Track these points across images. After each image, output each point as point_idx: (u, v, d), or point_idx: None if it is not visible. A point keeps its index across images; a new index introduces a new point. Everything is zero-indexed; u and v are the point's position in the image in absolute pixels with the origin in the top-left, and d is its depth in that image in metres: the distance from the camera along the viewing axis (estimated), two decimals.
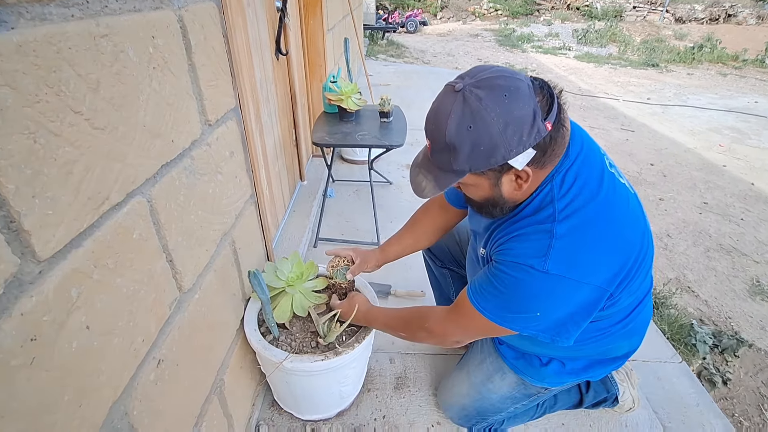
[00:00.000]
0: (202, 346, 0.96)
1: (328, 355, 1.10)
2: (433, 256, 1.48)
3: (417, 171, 0.90)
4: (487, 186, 0.85)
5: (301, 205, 2.38)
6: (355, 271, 1.27)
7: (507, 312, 0.86)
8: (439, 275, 1.51)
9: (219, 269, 1.03)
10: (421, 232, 1.33)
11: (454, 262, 1.44)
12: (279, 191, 2.05)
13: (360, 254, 1.30)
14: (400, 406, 1.42)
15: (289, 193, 2.31)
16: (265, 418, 1.36)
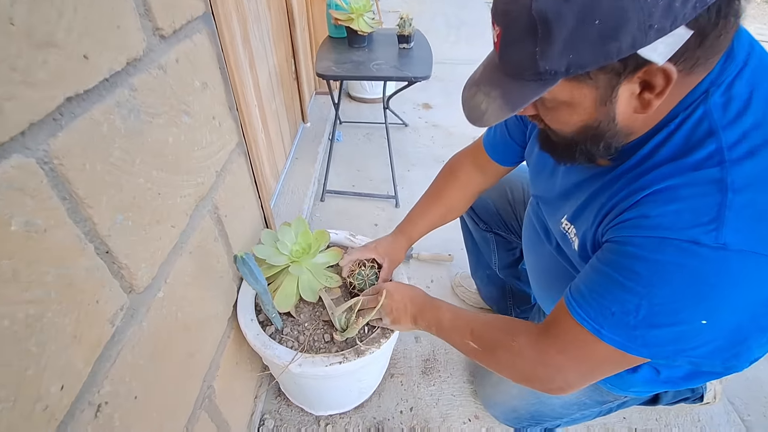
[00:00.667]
0: (176, 358, 0.70)
1: (348, 356, 0.85)
2: (474, 215, 1.18)
3: (474, 89, 0.57)
4: (591, 103, 0.51)
5: (304, 150, 2.05)
6: (387, 276, 0.99)
7: (647, 327, 0.53)
8: (480, 239, 1.22)
9: (195, 249, 0.74)
10: (450, 203, 1.02)
11: (503, 225, 1.14)
12: (278, 135, 1.71)
13: (384, 251, 1.00)
14: (430, 395, 1.20)
15: (290, 137, 1.97)
16: (271, 410, 1.15)
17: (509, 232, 1.14)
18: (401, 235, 1.03)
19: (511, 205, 1.10)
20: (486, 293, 1.37)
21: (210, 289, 0.82)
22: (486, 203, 1.13)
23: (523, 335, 0.67)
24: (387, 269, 0.99)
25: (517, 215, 1.10)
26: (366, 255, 0.99)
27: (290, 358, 0.84)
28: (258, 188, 1.09)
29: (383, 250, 1.00)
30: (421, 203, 1.04)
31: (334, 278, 1.00)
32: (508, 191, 1.10)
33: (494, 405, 1.07)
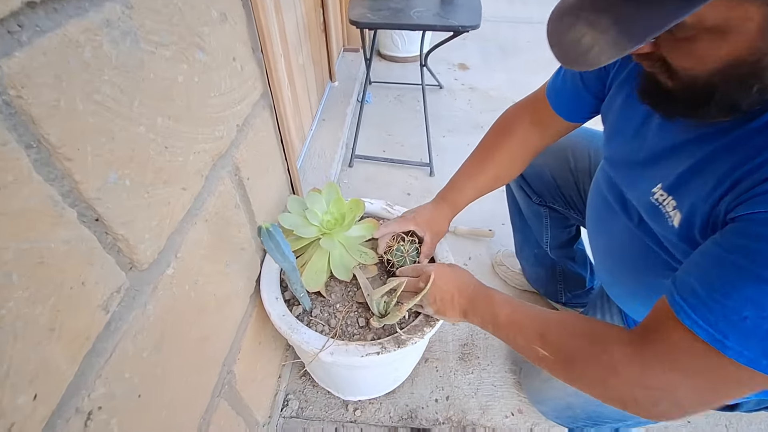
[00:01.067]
0: (189, 344, 0.59)
1: (387, 346, 0.73)
2: (526, 186, 1.02)
3: (571, 19, 0.41)
4: (755, 28, 0.37)
5: (331, 111, 1.90)
6: (429, 252, 0.86)
7: None
8: (531, 214, 1.07)
9: (212, 217, 0.63)
10: (502, 165, 0.86)
11: (560, 198, 0.98)
12: (304, 92, 1.56)
13: (424, 222, 0.86)
14: (468, 384, 1.09)
15: (317, 97, 1.82)
16: (296, 390, 1.07)
17: (567, 206, 0.98)
18: (444, 203, 0.88)
19: (572, 174, 0.94)
20: (532, 274, 1.23)
21: (230, 264, 0.70)
22: (541, 172, 0.96)
23: (616, 345, 0.53)
24: (429, 243, 0.85)
25: (579, 186, 0.93)
26: (404, 227, 0.85)
27: (320, 344, 0.73)
28: (284, 149, 0.96)
29: (423, 220, 0.86)
30: (468, 166, 0.88)
31: (370, 254, 0.88)
32: (570, 157, 0.93)
33: (544, 400, 0.95)
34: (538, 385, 0.96)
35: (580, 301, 1.18)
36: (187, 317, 0.58)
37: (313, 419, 1.02)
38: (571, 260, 1.12)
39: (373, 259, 0.87)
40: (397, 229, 0.85)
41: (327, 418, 1.02)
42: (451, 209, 0.88)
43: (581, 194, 0.93)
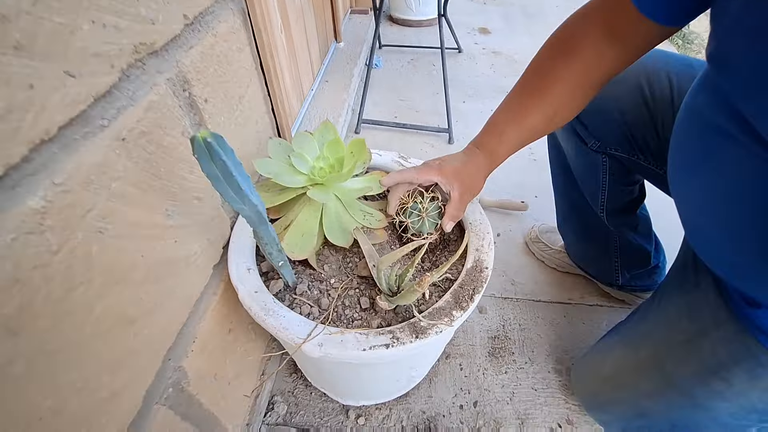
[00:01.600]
0: (93, 328, 0.38)
1: (400, 336, 0.51)
2: (580, 126, 0.77)
3: None
4: None
5: (336, 74, 1.67)
6: (456, 213, 0.63)
7: None
8: (584, 167, 0.82)
9: (136, 138, 0.41)
10: (562, 99, 0.60)
11: (628, 141, 0.73)
12: (303, 43, 1.34)
13: (452, 173, 0.63)
14: (501, 386, 0.86)
15: (320, 56, 1.60)
16: (284, 390, 0.86)
17: (637, 151, 0.73)
18: (479, 151, 0.65)
19: (648, 108, 0.68)
20: (579, 251, 1.00)
21: (174, 215, 0.49)
22: (603, 106, 0.71)
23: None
24: (457, 201, 0.63)
25: (657, 123, 0.68)
26: (424, 177, 0.63)
27: (305, 332, 0.51)
28: (268, 83, 0.74)
29: (451, 171, 0.63)
30: (512, 102, 0.64)
31: (376, 216, 0.66)
32: (644, 85, 0.68)
33: (605, 407, 0.72)
34: (597, 387, 0.73)
35: (642, 283, 0.94)
36: (85, 284, 0.36)
37: (304, 427, 0.80)
38: (632, 230, 0.88)
39: (380, 222, 0.65)
40: (414, 179, 0.63)
41: (322, 426, 0.81)
42: (488, 160, 0.65)
43: (658, 132, 0.69)
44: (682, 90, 0.65)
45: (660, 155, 0.70)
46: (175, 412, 0.52)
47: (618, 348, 0.69)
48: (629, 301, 0.99)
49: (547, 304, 1.00)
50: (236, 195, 0.38)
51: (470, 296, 0.56)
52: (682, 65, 0.68)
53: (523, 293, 1.02)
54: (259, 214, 0.42)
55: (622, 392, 0.67)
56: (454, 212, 0.63)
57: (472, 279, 0.58)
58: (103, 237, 0.38)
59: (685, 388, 0.58)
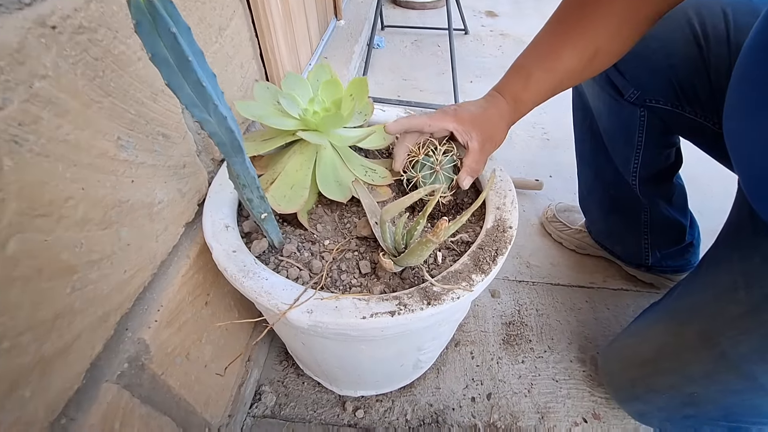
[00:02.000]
0: (7, 276, 0.28)
1: (408, 302, 0.42)
2: (616, 74, 0.65)
3: None
4: None
5: (336, 50, 1.58)
6: (475, 165, 0.53)
7: None
8: (617, 125, 0.71)
9: (71, 31, 0.32)
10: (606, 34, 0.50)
11: (674, 89, 0.62)
12: (300, 12, 1.25)
13: (470, 120, 0.53)
14: (517, 377, 0.77)
15: (318, 30, 1.51)
16: (273, 379, 0.76)
17: (683, 102, 0.61)
18: (503, 96, 0.55)
19: (699, 48, 0.57)
20: (604, 228, 0.90)
21: (128, 147, 0.39)
22: (644, 47, 0.58)
23: None
24: (476, 152, 0.53)
25: (709, 67, 0.58)
26: (438, 125, 0.53)
27: (291, 298, 0.42)
28: (255, 19, 0.65)
29: (469, 118, 0.53)
30: (545, 39, 0.54)
31: (380, 171, 0.56)
32: (695, 21, 0.58)
33: (645, 396, 0.62)
34: (633, 374, 0.63)
35: (674, 263, 0.85)
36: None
37: (295, 420, 0.71)
38: (666, 201, 0.78)
39: (384, 179, 0.55)
40: (425, 127, 0.53)
41: (315, 419, 0.71)
42: (512, 107, 0.55)
43: (710, 78, 0.58)
44: (740, 26, 0.55)
45: (711, 106, 0.60)
46: (132, 394, 0.42)
47: (659, 327, 0.59)
48: (658, 284, 0.89)
49: (567, 288, 0.91)
50: (196, 94, 0.28)
51: (492, 258, 0.46)
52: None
53: (540, 276, 0.93)
54: (231, 132, 0.33)
55: (666, 378, 0.58)
56: (473, 165, 0.53)
57: (493, 239, 0.49)
58: (20, 149, 0.29)
59: (744, 369, 0.49)
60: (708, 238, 0.89)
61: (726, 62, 0.56)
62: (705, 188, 1.13)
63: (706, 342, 0.51)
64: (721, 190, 1.13)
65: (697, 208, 0.84)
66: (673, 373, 0.56)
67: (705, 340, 0.51)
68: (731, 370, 0.50)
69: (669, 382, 0.57)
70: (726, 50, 0.56)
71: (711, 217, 1.05)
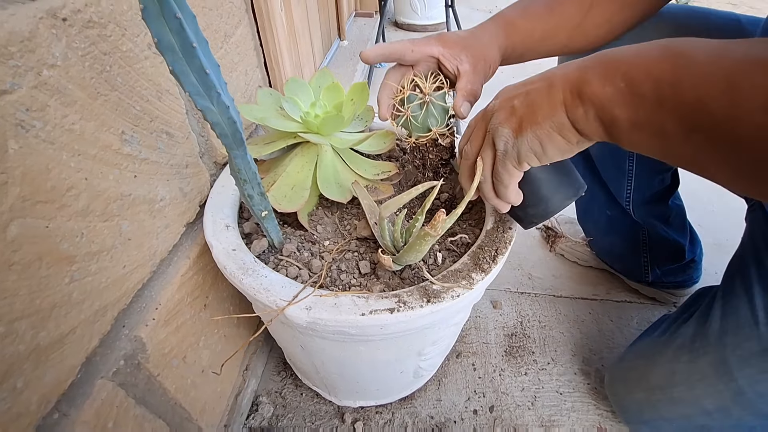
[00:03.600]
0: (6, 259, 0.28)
1: (407, 299, 0.41)
2: None
3: None
4: None
5: (339, 68, 1.62)
6: (470, 87, 0.48)
7: None
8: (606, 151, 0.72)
9: (81, 24, 0.33)
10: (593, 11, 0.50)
11: None
12: (304, 25, 1.28)
13: (457, 44, 0.48)
14: (521, 389, 0.75)
15: (322, 48, 1.55)
16: (270, 390, 0.74)
17: None
18: (493, 23, 0.51)
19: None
20: (604, 245, 0.90)
21: (132, 142, 0.40)
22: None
23: None
24: (469, 74, 0.47)
25: None
26: (421, 51, 0.47)
27: (290, 295, 0.41)
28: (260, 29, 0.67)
29: (456, 40, 0.48)
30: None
31: (382, 167, 0.57)
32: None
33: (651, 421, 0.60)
34: (642, 398, 0.60)
35: (675, 279, 0.84)
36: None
37: None
38: (663, 222, 0.78)
39: (388, 171, 0.56)
40: (407, 54, 0.47)
41: (313, 431, 0.69)
42: (504, 30, 0.50)
43: None
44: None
45: None
46: (127, 393, 0.42)
47: (668, 352, 0.56)
48: (661, 298, 0.88)
49: (569, 299, 0.90)
50: (199, 81, 0.29)
51: (493, 257, 0.46)
52: (725, 21, 0.59)
53: (542, 288, 0.92)
54: (233, 123, 0.33)
55: (678, 407, 0.55)
56: (468, 86, 0.47)
57: (493, 240, 0.48)
58: (26, 134, 0.29)
59: (761, 408, 0.47)
60: (710, 250, 0.88)
61: None
62: (705, 202, 1.13)
63: (722, 376, 0.49)
64: (720, 205, 1.13)
65: (697, 221, 0.84)
66: (685, 404, 0.54)
67: (721, 374, 0.49)
68: (748, 409, 0.48)
69: (681, 412, 0.55)
70: None
71: (712, 231, 1.05)
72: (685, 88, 0.26)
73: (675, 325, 0.58)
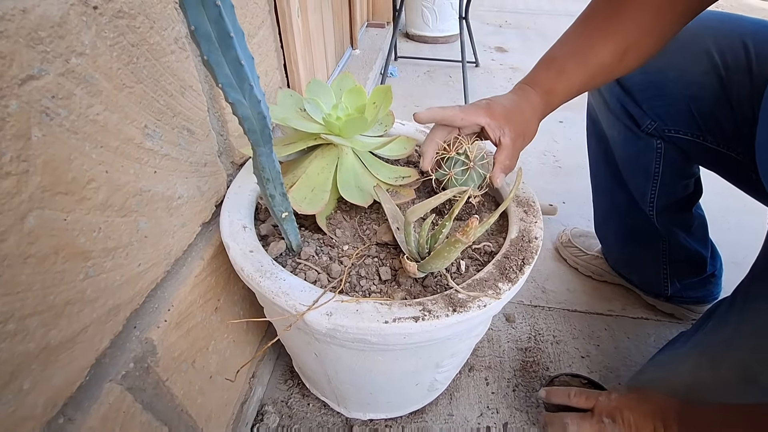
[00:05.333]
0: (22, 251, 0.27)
1: (432, 308, 0.40)
2: (632, 104, 0.65)
3: None
4: None
5: None
6: (507, 162, 0.52)
7: None
8: (633, 155, 0.71)
9: (114, 15, 0.32)
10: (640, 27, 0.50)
11: (694, 119, 0.62)
12: (319, 34, 1.28)
13: (502, 116, 0.51)
14: (534, 405, 0.72)
15: (335, 55, 1.55)
16: (276, 399, 0.72)
17: (704, 132, 0.61)
18: (534, 89, 0.54)
19: (719, 78, 0.58)
20: (621, 256, 0.88)
21: (154, 137, 0.39)
22: (662, 78, 0.61)
23: None
24: (509, 148, 0.51)
25: (731, 97, 0.58)
26: (471, 119, 0.51)
27: (310, 299, 0.40)
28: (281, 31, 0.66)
29: (502, 112, 0.52)
30: (576, 32, 0.54)
31: (402, 172, 0.55)
32: (714, 51, 0.58)
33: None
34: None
35: (695, 294, 0.82)
36: (15, 176, 0.26)
37: None
38: (685, 231, 0.77)
39: (407, 179, 0.54)
40: (457, 119, 0.51)
41: None
42: (543, 100, 0.53)
43: (733, 107, 0.58)
44: (762, 56, 0.55)
45: (735, 136, 0.59)
46: (135, 398, 0.40)
47: (689, 361, 0.55)
48: (678, 315, 0.86)
49: (584, 314, 0.88)
50: (233, 73, 0.28)
51: (519, 267, 0.44)
52: (759, 27, 0.58)
53: (557, 302, 0.90)
54: (263, 118, 0.32)
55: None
56: (505, 161, 0.51)
57: (519, 249, 0.47)
58: (50, 122, 0.28)
59: None
60: (728, 269, 0.86)
61: (748, 91, 0.56)
62: (720, 220, 1.12)
63: (745, 379, 0.48)
64: (735, 222, 1.11)
65: (714, 238, 0.82)
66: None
67: (743, 378, 0.48)
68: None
69: None
70: (748, 79, 0.56)
71: (729, 249, 1.02)
72: None
73: (694, 335, 0.57)
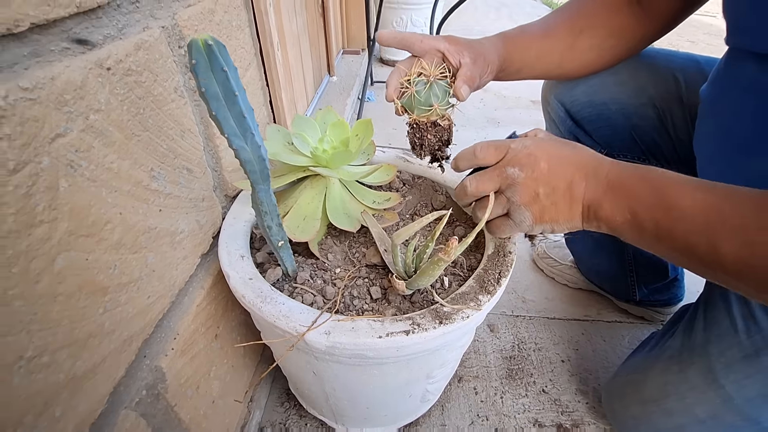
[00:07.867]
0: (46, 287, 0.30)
1: (421, 321, 0.44)
2: (582, 134, 0.73)
3: None
4: None
5: (329, 102, 1.68)
6: (470, 74, 0.52)
7: None
8: None
9: (123, 73, 0.36)
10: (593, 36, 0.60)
11: (636, 146, 0.70)
12: (298, 63, 1.34)
13: (461, 43, 0.54)
14: (522, 411, 0.76)
15: (314, 84, 1.61)
16: (275, 421, 0.74)
17: (647, 155, 0.71)
18: (493, 37, 0.60)
19: (655, 108, 0.66)
20: (592, 266, 0.94)
21: (159, 178, 0.42)
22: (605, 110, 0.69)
23: None
24: (471, 65, 0.52)
25: (666, 124, 0.66)
26: (430, 43, 0.53)
27: (309, 320, 0.43)
28: (266, 71, 0.71)
29: (460, 40, 0.55)
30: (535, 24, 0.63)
31: (386, 196, 0.60)
32: (649, 86, 0.66)
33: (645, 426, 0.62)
34: (637, 411, 0.63)
35: (661, 297, 0.88)
36: (47, 224, 0.29)
37: None
38: None
39: (389, 201, 0.59)
40: (417, 43, 0.53)
41: None
42: (502, 41, 0.59)
43: (669, 133, 0.67)
44: (691, 87, 0.64)
45: (673, 157, 0.68)
46: (147, 423, 0.42)
47: (659, 365, 0.60)
48: (648, 317, 0.92)
49: (563, 321, 0.93)
50: (237, 124, 0.32)
51: (496, 280, 0.49)
52: (687, 62, 0.67)
53: (536, 310, 0.95)
54: (262, 161, 0.36)
55: (671, 418, 0.58)
56: (468, 73, 0.52)
57: (495, 264, 0.52)
58: (74, 174, 0.31)
59: (749, 413, 0.50)
60: None
61: (682, 119, 0.65)
62: None
63: (710, 383, 0.52)
64: None
65: None
66: (679, 414, 0.56)
67: (708, 382, 0.52)
68: (737, 415, 0.51)
69: (675, 422, 0.57)
70: (680, 109, 0.65)
71: None
72: (677, 235, 0.36)
73: (663, 339, 0.62)
